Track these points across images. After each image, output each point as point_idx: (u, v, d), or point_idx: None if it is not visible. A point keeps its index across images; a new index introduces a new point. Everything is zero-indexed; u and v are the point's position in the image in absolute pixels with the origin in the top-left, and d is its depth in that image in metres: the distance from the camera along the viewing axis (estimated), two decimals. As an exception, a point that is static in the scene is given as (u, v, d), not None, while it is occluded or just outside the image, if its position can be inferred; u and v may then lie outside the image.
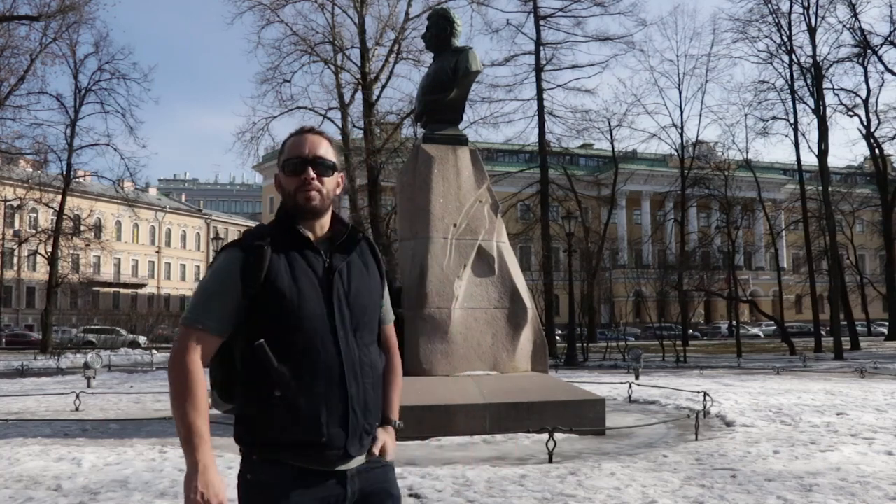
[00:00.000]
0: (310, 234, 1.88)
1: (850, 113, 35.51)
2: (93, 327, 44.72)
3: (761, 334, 53.84)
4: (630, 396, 11.43)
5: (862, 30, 32.94)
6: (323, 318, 1.80)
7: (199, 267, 79.91)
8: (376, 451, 1.90)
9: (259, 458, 1.80)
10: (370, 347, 1.90)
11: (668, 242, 46.35)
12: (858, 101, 35.53)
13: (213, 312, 1.80)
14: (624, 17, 34.55)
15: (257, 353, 1.76)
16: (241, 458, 1.85)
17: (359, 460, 1.86)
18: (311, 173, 1.87)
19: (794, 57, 31.99)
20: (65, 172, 34.72)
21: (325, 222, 1.92)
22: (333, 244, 1.89)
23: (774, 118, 34.00)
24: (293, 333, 1.78)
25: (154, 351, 30.78)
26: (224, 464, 5.94)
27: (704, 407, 9.24)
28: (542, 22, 31.93)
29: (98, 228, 50.76)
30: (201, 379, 1.77)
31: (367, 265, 1.94)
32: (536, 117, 31.56)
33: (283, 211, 1.92)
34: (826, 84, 31.85)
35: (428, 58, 14.37)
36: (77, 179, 37.64)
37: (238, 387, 1.83)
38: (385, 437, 1.95)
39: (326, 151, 1.91)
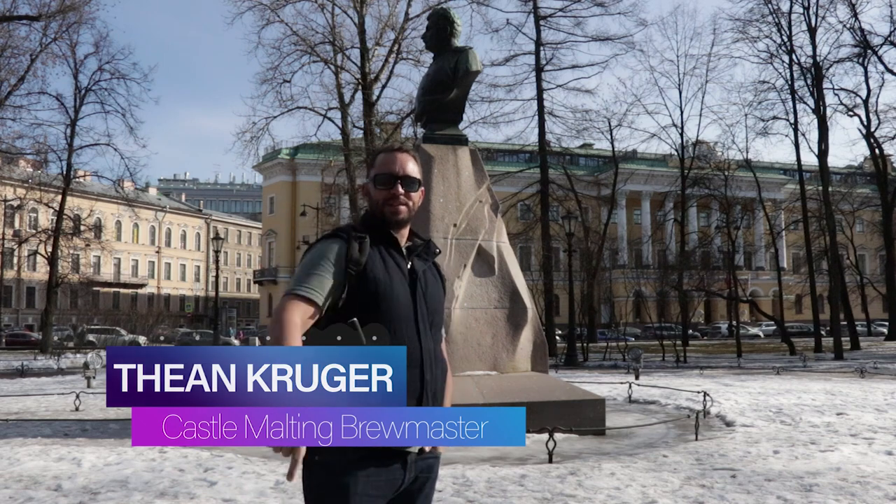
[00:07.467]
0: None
1: (850, 113, 35.48)
2: (93, 327, 44.75)
3: (761, 334, 53.78)
4: (630, 396, 11.43)
5: (862, 30, 32.91)
6: (409, 308, 2.01)
7: (198, 267, 79.92)
8: (427, 447, 2.00)
9: None
10: (439, 345, 2.10)
11: (668, 242, 46.31)
12: (858, 101, 35.52)
13: (312, 283, 1.96)
14: (624, 17, 34.54)
15: (349, 330, 1.88)
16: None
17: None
18: (400, 189, 2.08)
19: (794, 57, 31.97)
20: (65, 172, 34.64)
21: (405, 232, 2.14)
22: (413, 252, 2.11)
23: (774, 118, 33.92)
24: (384, 316, 1.95)
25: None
26: (224, 464, 5.94)
27: (704, 407, 9.24)
28: (542, 22, 31.97)
29: (98, 228, 50.69)
30: (297, 330, 1.86)
31: (436, 277, 2.17)
32: (536, 117, 31.60)
33: (371, 216, 2.12)
34: (826, 84, 31.85)
35: (428, 58, 14.41)
36: (77, 179, 37.58)
37: None
38: None
39: (413, 169, 2.12)
